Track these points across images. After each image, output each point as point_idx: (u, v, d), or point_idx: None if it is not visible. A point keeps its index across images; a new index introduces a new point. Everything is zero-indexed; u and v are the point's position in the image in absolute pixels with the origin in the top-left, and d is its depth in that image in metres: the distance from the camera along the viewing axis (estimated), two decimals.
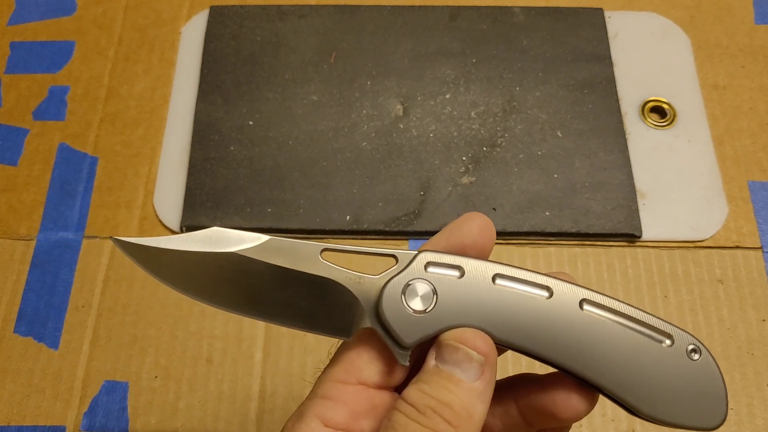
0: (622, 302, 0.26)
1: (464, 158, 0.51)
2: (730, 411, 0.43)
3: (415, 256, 0.26)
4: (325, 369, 0.27)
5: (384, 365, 0.26)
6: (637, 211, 0.49)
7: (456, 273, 0.26)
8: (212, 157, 0.51)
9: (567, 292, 0.26)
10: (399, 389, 0.26)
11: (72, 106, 0.54)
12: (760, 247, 0.48)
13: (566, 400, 0.26)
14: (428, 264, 0.26)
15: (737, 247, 0.48)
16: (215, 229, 0.27)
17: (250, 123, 0.52)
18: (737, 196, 0.50)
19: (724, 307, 0.46)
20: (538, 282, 0.26)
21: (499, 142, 0.51)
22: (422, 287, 0.26)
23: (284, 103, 0.53)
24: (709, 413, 0.26)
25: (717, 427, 0.26)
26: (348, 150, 0.51)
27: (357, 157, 0.51)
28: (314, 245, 0.27)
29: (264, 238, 0.27)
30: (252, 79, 0.54)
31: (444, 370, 0.25)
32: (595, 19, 0.56)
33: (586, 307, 0.26)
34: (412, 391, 0.25)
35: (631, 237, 0.48)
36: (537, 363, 0.27)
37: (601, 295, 0.26)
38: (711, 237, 0.48)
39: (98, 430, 0.43)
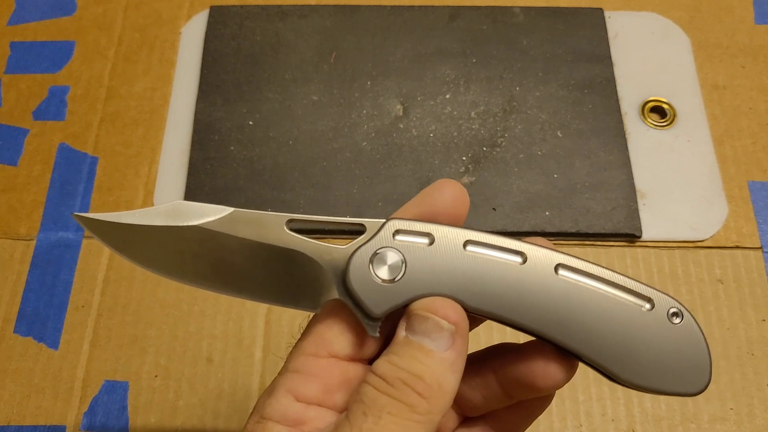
0: (600, 266, 0.25)
1: (464, 158, 0.51)
2: (729, 411, 0.43)
3: (383, 225, 0.26)
4: (296, 343, 0.27)
5: (355, 337, 0.26)
6: (637, 211, 0.49)
7: (425, 240, 0.25)
8: (212, 157, 0.51)
9: (541, 258, 0.25)
10: (373, 362, 0.25)
11: (72, 106, 0.54)
12: (760, 247, 0.48)
13: (544, 369, 0.25)
14: (397, 232, 0.25)
15: (737, 247, 0.48)
16: (178, 203, 0.27)
17: (250, 123, 0.52)
18: (737, 196, 0.50)
19: (724, 307, 0.46)
20: (511, 248, 0.25)
21: (499, 142, 0.51)
22: (391, 256, 0.25)
23: (284, 103, 0.53)
24: (692, 378, 0.25)
25: (699, 393, 0.25)
26: (348, 150, 0.51)
27: (357, 157, 0.51)
28: (279, 216, 0.26)
29: (228, 210, 0.26)
30: (252, 79, 0.54)
31: (414, 341, 0.24)
32: (595, 19, 0.56)
33: (561, 272, 0.25)
34: (381, 363, 0.24)
35: (631, 237, 0.48)
36: (512, 331, 0.26)
37: (577, 260, 0.25)
38: (711, 237, 0.48)
39: (98, 430, 0.43)
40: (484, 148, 0.51)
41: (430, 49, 0.55)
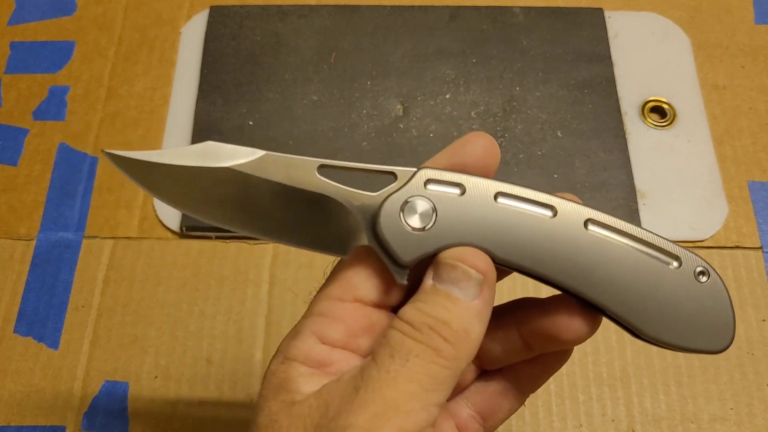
0: (629, 223, 0.25)
1: None
2: (729, 411, 0.43)
3: (414, 173, 0.26)
4: (321, 287, 0.27)
5: (381, 283, 0.26)
6: (637, 211, 0.49)
7: (456, 191, 0.26)
8: None
9: (571, 212, 0.25)
10: (397, 311, 0.25)
11: (72, 106, 0.54)
12: (760, 247, 0.48)
13: (568, 322, 0.26)
14: (428, 181, 0.26)
15: (737, 247, 0.48)
16: (209, 144, 0.27)
17: (250, 123, 0.52)
18: (737, 196, 0.50)
19: None
20: (542, 201, 0.25)
21: (499, 142, 0.51)
22: (421, 204, 0.25)
23: (284, 103, 0.53)
24: (716, 336, 0.25)
25: (722, 351, 0.25)
26: (348, 150, 0.51)
27: (357, 157, 0.51)
28: (311, 161, 0.27)
29: (259, 153, 0.27)
30: (252, 79, 0.54)
31: (441, 289, 0.24)
32: (595, 19, 0.56)
33: (591, 227, 0.25)
34: (408, 310, 0.24)
35: None
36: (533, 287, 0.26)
37: (607, 216, 0.25)
38: (711, 237, 0.48)
39: (98, 430, 0.43)
40: None
41: (430, 49, 0.55)
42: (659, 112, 0.53)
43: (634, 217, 0.48)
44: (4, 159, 0.52)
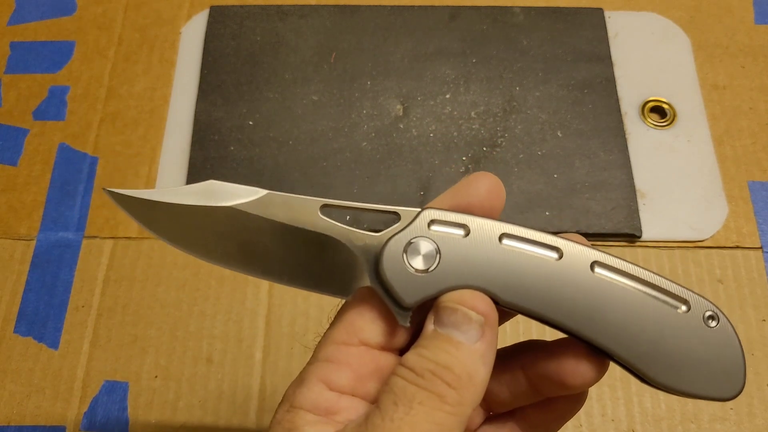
0: (637, 266, 0.25)
1: (464, 158, 0.51)
2: (729, 411, 0.43)
3: (418, 214, 0.26)
4: (326, 332, 0.27)
5: (386, 325, 0.26)
6: (637, 211, 0.49)
7: (461, 232, 0.25)
8: (212, 157, 0.51)
9: (578, 254, 0.25)
10: (404, 353, 0.25)
11: (72, 106, 0.54)
12: (760, 247, 0.48)
13: (575, 367, 0.25)
14: (432, 222, 0.25)
15: (737, 247, 0.48)
16: (211, 182, 0.27)
17: (250, 123, 0.52)
18: (737, 196, 0.50)
19: (724, 307, 0.46)
20: (548, 243, 0.25)
21: (499, 142, 0.51)
22: (425, 245, 0.25)
23: (284, 103, 0.53)
24: (726, 383, 0.25)
25: (733, 398, 0.25)
26: (348, 150, 0.51)
27: (357, 157, 0.51)
28: (313, 200, 0.26)
29: (261, 192, 0.27)
30: (252, 79, 0.54)
31: (442, 333, 0.24)
32: (595, 19, 0.56)
33: (597, 269, 0.25)
34: (410, 356, 0.24)
35: (631, 237, 0.48)
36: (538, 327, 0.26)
37: (613, 258, 0.25)
38: (711, 237, 0.48)
39: (98, 430, 0.43)
40: (484, 148, 0.51)
41: (430, 49, 0.55)
42: (659, 112, 0.53)
43: (634, 217, 0.48)
44: (4, 159, 0.52)
